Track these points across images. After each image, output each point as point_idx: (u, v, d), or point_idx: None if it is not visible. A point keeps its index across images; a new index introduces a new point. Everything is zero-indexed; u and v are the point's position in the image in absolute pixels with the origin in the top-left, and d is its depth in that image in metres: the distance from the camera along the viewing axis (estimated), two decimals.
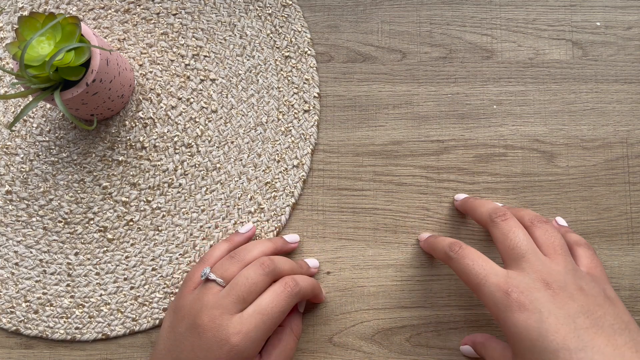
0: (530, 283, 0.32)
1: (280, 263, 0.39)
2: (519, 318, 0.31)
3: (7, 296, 0.44)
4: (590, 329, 0.30)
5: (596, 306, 0.31)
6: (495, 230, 0.35)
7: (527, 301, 0.31)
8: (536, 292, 0.31)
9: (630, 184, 0.43)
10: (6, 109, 0.46)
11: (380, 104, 0.45)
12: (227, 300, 0.35)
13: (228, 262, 0.38)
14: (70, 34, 0.37)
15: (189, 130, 0.45)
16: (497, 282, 0.32)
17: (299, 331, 0.40)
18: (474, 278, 0.33)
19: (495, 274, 0.33)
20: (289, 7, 0.46)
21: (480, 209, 0.38)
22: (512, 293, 0.32)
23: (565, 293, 0.32)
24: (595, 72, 0.44)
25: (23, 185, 0.45)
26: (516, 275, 0.33)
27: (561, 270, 0.33)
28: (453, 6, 0.46)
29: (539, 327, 0.30)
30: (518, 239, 0.34)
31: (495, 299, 0.32)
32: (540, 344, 0.30)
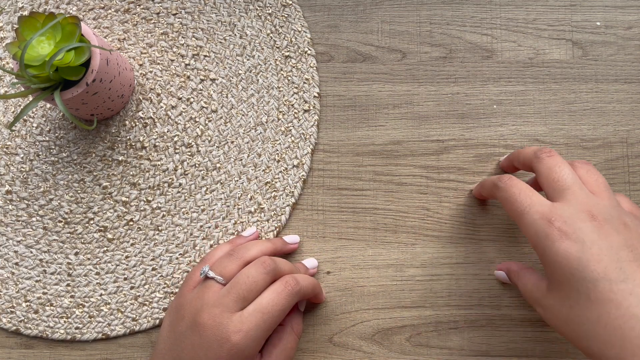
0: (575, 213, 0.32)
1: (281, 263, 0.39)
2: (560, 247, 0.31)
3: (7, 296, 0.44)
4: (633, 263, 0.30)
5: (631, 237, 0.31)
6: (540, 165, 0.35)
7: (570, 230, 0.31)
8: (580, 222, 0.31)
9: (630, 183, 0.43)
10: (6, 108, 0.46)
11: (380, 104, 0.45)
12: (227, 299, 0.35)
13: (227, 259, 0.38)
14: (70, 33, 0.37)
15: (189, 130, 0.45)
16: (542, 211, 0.32)
17: (299, 330, 0.40)
18: (518, 205, 0.34)
19: (541, 204, 0.33)
20: (289, 7, 0.46)
21: (525, 151, 0.38)
22: (555, 222, 0.32)
23: (610, 226, 0.31)
24: (595, 72, 0.44)
25: (23, 185, 0.45)
26: (561, 206, 0.32)
27: (607, 205, 0.33)
28: (453, 6, 0.46)
29: (580, 257, 0.30)
30: (563, 172, 0.34)
31: (537, 228, 0.32)
32: (579, 273, 0.30)
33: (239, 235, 0.43)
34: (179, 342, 0.36)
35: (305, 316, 0.43)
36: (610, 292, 0.29)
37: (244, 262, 0.38)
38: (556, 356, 0.42)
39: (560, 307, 0.32)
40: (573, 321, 0.31)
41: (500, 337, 0.42)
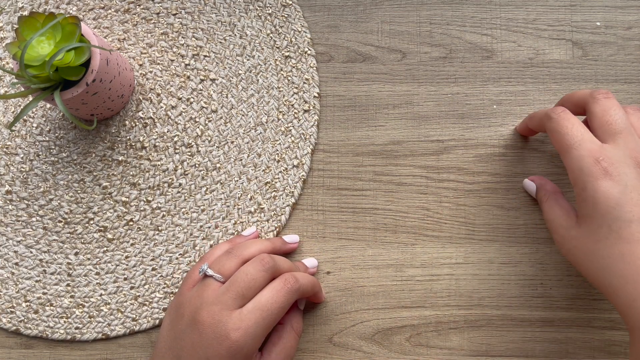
0: (622, 157, 0.32)
1: (280, 261, 0.39)
2: (601, 184, 0.32)
3: (7, 296, 0.44)
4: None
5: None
6: (595, 105, 0.35)
7: (615, 172, 0.32)
8: (626, 167, 0.32)
9: None
10: (6, 109, 0.46)
11: (380, 104, 0.45)
12: (226, 296, 0.35)
13: (225, 257, 0.38)
14: (70, 33, 0.37)
15: (189, 130, 0.45)
16: (590, 148, 0.33)
17: (299, 328, 0.40)
18: (568, 139, 0.34)
19: (591, 141, 0.33)
20: (289, 7, 0.46)
21: (580, 92, 0.37)
22: (603, 162, 0.32)
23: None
24: (595, 72, 0.44)
25: (23, 185, 0.45)
26: (611, 148, 0.33)
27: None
28: (453, 6, 0.46)
29: (619, 198, 0.31)
30: (617, 116, 0.34)
31: (582, 163, 0.33)
32: (615, 212, 0.31)
33: (239, 234, 0.43)
34: (178, 341, 0.36)
35: (305, 316, 0.43)
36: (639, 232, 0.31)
37: (242, 260, 0.38)
38: (556, 356, 0.42)
39: (586, 240, 0.33)
40: (595, 254, 0.32)
41: (500, 337, 0.42)
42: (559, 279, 0.43)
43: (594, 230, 0.33)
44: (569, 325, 0.42)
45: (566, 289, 0.43)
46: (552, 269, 0.43)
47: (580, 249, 0.34)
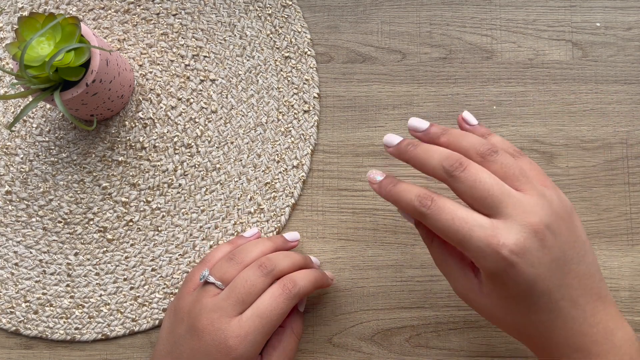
0: (519, 233, 0.30)
1: (280, 261, 0.38)
2: (509, 274, 0.30)
3: (6, 296, 0.44)
4: (566, 266, 0.31)
5: (569, 235, 0.32)
6: (458, 184, 0.32)
7: (518, 256, 0.30)
8: (528, 242, 0.30)
9: (630, 184, 0.43)
10: (6, 109, 0.46)
11: (380, 105, 0.45)
12: (226, 303, 0.35)
13: (227, 264, 0.38)
14: (70, 34, 0.37)
15: (189, 131, 0.45)
16: (485, 236, 0.30)
17: (299, 331, 0.40)
18: (455, 235, 0.31)
19: (480, 226, 0.30)
20: (289, 8, 0.46)
21: (431, 161, 0.33)
22: (503, 250, 0.30)
23: (549, 232, 0.31)
24: (595, 73, 0.44)
25: (23, 185, 0.45)
26: (503, 226, 0.30)
27: (537, 202, 0.31)
28: (453, 7, 0.46)
29: (527, 282, 0.30)
30: (487, 186, 0.31)
31: (484, 255, 0.30)
32: (525, 295, 0.31)
33: (240, 235, 0.43)
34: (178, 345, 0.36)
35: (305, 317, 0.43)
36: (548, 302, 0.31)
37: (244, 266, 0.38)
38: None
39: (495, 309, 0.33)
40: (505, 320, 0.33)
41: (500, 338, 0.42)
42: None
43: (504, 306, 0.32)
44: None
45: None
46: None
47: (489, 313, 0.33)
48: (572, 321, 0.31)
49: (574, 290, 0.31)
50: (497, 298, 0.32)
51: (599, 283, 0.33)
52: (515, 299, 0.31)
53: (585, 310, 0.32)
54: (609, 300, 0.33)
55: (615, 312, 0.33)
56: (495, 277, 0.31)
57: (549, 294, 0.31)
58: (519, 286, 0.31)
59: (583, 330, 0.32)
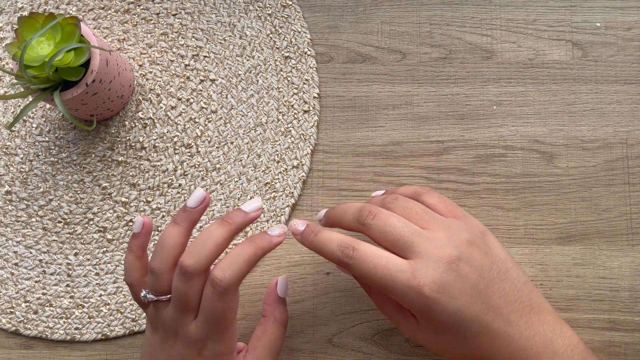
0: (435, 269, 0.32)
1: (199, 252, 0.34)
2: (436, 311, 0.32)
3: (6, 296, 0.44)
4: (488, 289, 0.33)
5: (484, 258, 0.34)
6: (371, 231, 0.34)
7: (439, 295, 0.32)
8: (444, 276, 0.32)
9: (630, 184, 0.43)
10: (6, 109, 0.46)
11: (380, 105, 0.45)
12: (176, 315, 0.34)
13: (151, 278, 0.35)
14: (70, 34, 0.37)
15: (189, 131, 0.45)
16: (407, 280, 0.32)
17: (283, 319, 0.38)
18: (380, 282, 0.32)
19: (401, 271, 0.32)
20: (289, 8, 0.46)
21: (345, 217, 0.36)
22: (424, 289, 0.32)
23: (462, 261, 0.33)
24: (595, 73, 0.44)
25: (23, 185, 0.45)
26: (419, 266, 0.32)
27: (444, 236, 0.33)
28: (453, 7, 0.46)
29: (454, 313, 0.32)
30: (397, 229, 0.33)
31: (409, 298, 0.32)
32: (456, 324, 0.32)
33: (134, 234, 0.37)
34: (157, 353, 0.36)
35: (305, 317, 0.43)
36: (481, 327, 0.33)
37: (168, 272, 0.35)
38: None
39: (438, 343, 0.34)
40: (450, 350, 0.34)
41: None
42: (558, 280, 0.43)
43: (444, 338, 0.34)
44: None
45: (566, 289, 0.43)
46: (551, 270, 0.43)
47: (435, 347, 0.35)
48: (509, 339, 0.33)
49: (503, 310, 0.33)
50: (434, 333, 0.34)
51: (529, 295, 0.34)
52: (449, 331, 0.33)
53: (520, 325, 0.33)
54: (543, 310, 0.34)
55: (553, 319, 0.35)
56: (424, 315, 0.33)
57: (478, 320, 0.33)
58: (447, 319, 0.32)
59: (522, 345, 0.33)
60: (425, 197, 0.37)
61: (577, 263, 0.43)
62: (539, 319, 0.34)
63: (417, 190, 0.38)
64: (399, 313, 0.35)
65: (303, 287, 0.43)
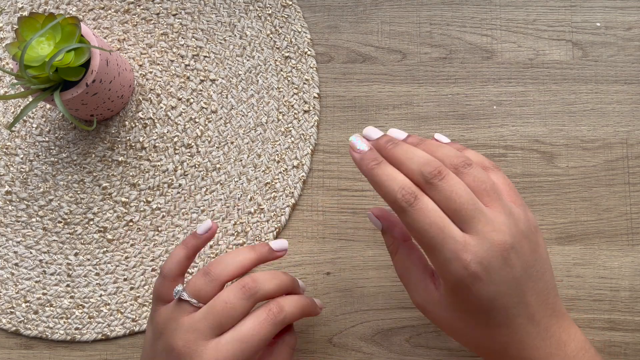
0: (487, 251, 0.31)
1: (265, 283, 0.35)
2: (472, 290, 0.31)
3: (6, 297, 0.44)
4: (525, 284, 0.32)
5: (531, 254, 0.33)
6: (434, 192, 0.32)
7: (484, 273, 0.31)
8: (493, 260, 0.31)
9: (630, 184, 0.43)
10: (6, 109, 0.46)
11: (380, 105, 0.45)
12: (202, 325, 0.33)
13: (202, 279, 0.35)
14: (70, 34, 0.37)
15: (189, 131, 0.45)
16: (455, 249, 0.31)
17: (292, 343, 0.38)
18: (430, 241, 0.31)
19: (454, 239, 0.31)
20: (289, 8, 0.46)
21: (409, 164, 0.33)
22: (470, 266, 0.31)
23: (514, 251, 0.32)
24: (596, 73, 0.44)
25: (23, 185, 0.45)
26: (474, 243, 0.31)
27: (505, 221, 0.32)
28: (453, 7, 0.46)
29: (489, 298, 0.31)
30: (462, 199, 0.31)
31: (451, 267, 0.31)
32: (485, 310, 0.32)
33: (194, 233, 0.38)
34: None
35: (305, 317, 0.43)
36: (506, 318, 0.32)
37: (222, 283, 0.35)
38: None
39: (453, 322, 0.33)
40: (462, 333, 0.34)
41: None
42: (558, 280, 0.43)
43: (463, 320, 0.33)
44: None
45: (566, 289, 0.43)
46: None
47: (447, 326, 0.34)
48: (527, 336, 0.33)
49: (532, 307, 0.33)
50: (455, 311, 0.33)
51: (554, 299, 0.34)
52: (474, 313, 0.32)
53: (540, 325, 0.33)
54: (562, 314, 0.34)
55: (568, 324, 0.34)
56: (457, 290, 0.32)
57: (506, 310, 0.32)
58: (479, 301, 0.32)
59: (536, 344, 0.33)
60: (492, 174, 0.35)
61: (577, 263, 0.43)
62: (557, 322, 0.34)
63: (485, 164, 0.35)
64: (421, 282, 0.34)
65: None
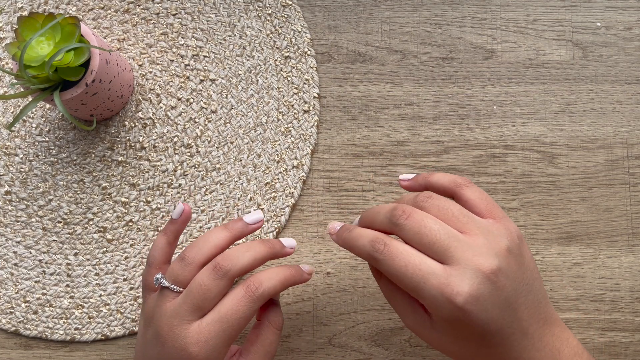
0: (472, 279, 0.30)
1: (239, 258, 0.34)
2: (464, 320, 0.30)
3: (6, 297, 0.44)
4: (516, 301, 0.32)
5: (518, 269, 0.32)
6: (404, 233, 0.32)
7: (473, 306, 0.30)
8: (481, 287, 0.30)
9: (631, 184, 0.43)
10: (6, 109, 0.46)
11: (380, 105, 0.45)
12: (183, 309, 0.34)
13: (178, 265, 0.35)
14: (69, 34, 0.37)
15: (189, 131, 0.45)
16: (439, 285, 0.30)
17: (278, 323, 0.37)
18: (409, 282, 0.31)
19: (434, 274, 0.30)
20: (289, 8, 0.46)
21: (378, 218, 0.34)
22: (457, 298, 0.30)
23: (502, 273, 0.31)
24: (596, 73, 0.44)
25: (22, 185, 0.45)
26: (455, 273, 0.30)
27: (484, 243, 0.31)
28: (453, 6, 0.45)
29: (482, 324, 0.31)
30: (433, 232, 0.31)
31: (438, 304, 0.30)
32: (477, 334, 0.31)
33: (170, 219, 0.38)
34: (148, 349, 0.35)
35: (305, 317, 0.43)
36: (500, 339, 0.31)
37: (197, 266, 0.35)
38: None
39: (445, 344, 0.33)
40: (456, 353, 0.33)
41: None
42: (559, 280, 0.43)
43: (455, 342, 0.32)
44: (569, 326, 0.42)
45: (566, 290, 0.42)
46: (552, 270, 0.43)
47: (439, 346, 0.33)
48: (521, 350, 0.32)
49: (524, 322, 0.32)
50: (449, 335, 0.32)
51: (545, 307, 0.34)
52: (468, 339, 0.32)
53: (534, 337, 0.33)
54: (553, 320, 0.34)
55: (560, 330, 0.34)
56: (448, 323, 0.31)
57: (501, 331, 0.31)
58: (473, 330, 0.31)
59: (531, 356, 0.32)
60: (465, 191, 0.34)
61: (577, 263, 0.43)
62: (550, 330, 0.34)
63: (456, 181, 0.35)
64: (410, 307, 0.34)
65: (303, 287, 0.43)
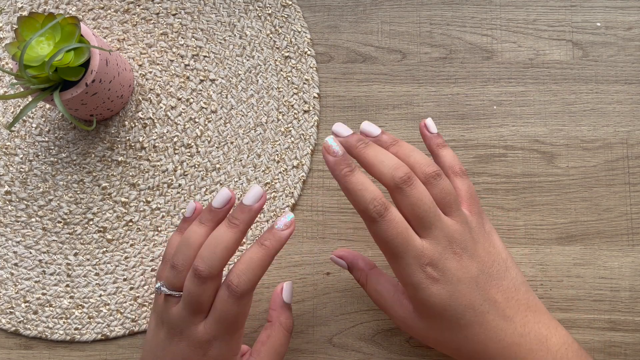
0: (442, 253, 0.34)
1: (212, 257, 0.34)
2: (432, 291, 0.33)
3: (6, 297, 0.44)
4: (487, 283, 0.34)
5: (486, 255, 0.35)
6: (401, 197, 0.34)
7: (439, 275, 0.33)
8: (447, 262, 0.34)
9: (631, 184, 0.43)
10: (5, 109, 0.46)
11: (380, 105, 0.45)
12: (185, 313, 0.35)
13: (171, 273, 0.35)
14: (69, 34, 0.37)
15: (189, 131, 0.45)
16: (415, 255, 0.33)
17: (288, 324, 0.39)
18: (394, 249, 0.33)
19: (414, 247, 0.33)
20: (289, 8, 0.46)
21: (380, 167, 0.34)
22: (427, 267, 0.33)
23: (467, 254, 0.34)
24: (596, 73, 0.44)
25: (22, 185, 0.45)
26: (430, 247, 0.34)
27: (460, 230, 0.35)
28: (453, 6, 0.45)
29: (449, 297, 0.33)
30: (426, 207, 0.34)
31: (409, 271, 0.33)
32: (450, 309, 0.34)
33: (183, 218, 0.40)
34: (160, 349, 0.36)
35: (305, 317, 0.43)
36: (474, 316, 0.34)
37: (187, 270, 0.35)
38: None
39: (430, 331, 0.35)
40: (442, 340, 0.35)
41: None
42: (559, 280, 0.43)
43: (436, 325, 0.35)
44: (569, 326, 0.42)
45: (566, 290, 0.42)
46: (552, 270, 0.43)
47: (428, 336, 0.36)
48: (502, 333, 0.34)
49: (500, 304, 0.34)
50: (427, 318, 0.35)
51: (526, 294, 0.36)
52: (441, 317, 0.34)
53: (515, 321, 0.34)
54: (538, 309, 0.35)
55: (548, 319, 0.35)
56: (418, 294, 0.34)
57: (472, 308, 0.34)
58: (441, 302, 0.33)
59: (515, 341, 0.34)
60: (458, 182, 0.37)
61: (577, 263, 0.43)
62: (534, 317, 0.35)
63: (455, 168, 0.38)
64: (396, 301, 0.36)
65: (303, 287, 0.43)
